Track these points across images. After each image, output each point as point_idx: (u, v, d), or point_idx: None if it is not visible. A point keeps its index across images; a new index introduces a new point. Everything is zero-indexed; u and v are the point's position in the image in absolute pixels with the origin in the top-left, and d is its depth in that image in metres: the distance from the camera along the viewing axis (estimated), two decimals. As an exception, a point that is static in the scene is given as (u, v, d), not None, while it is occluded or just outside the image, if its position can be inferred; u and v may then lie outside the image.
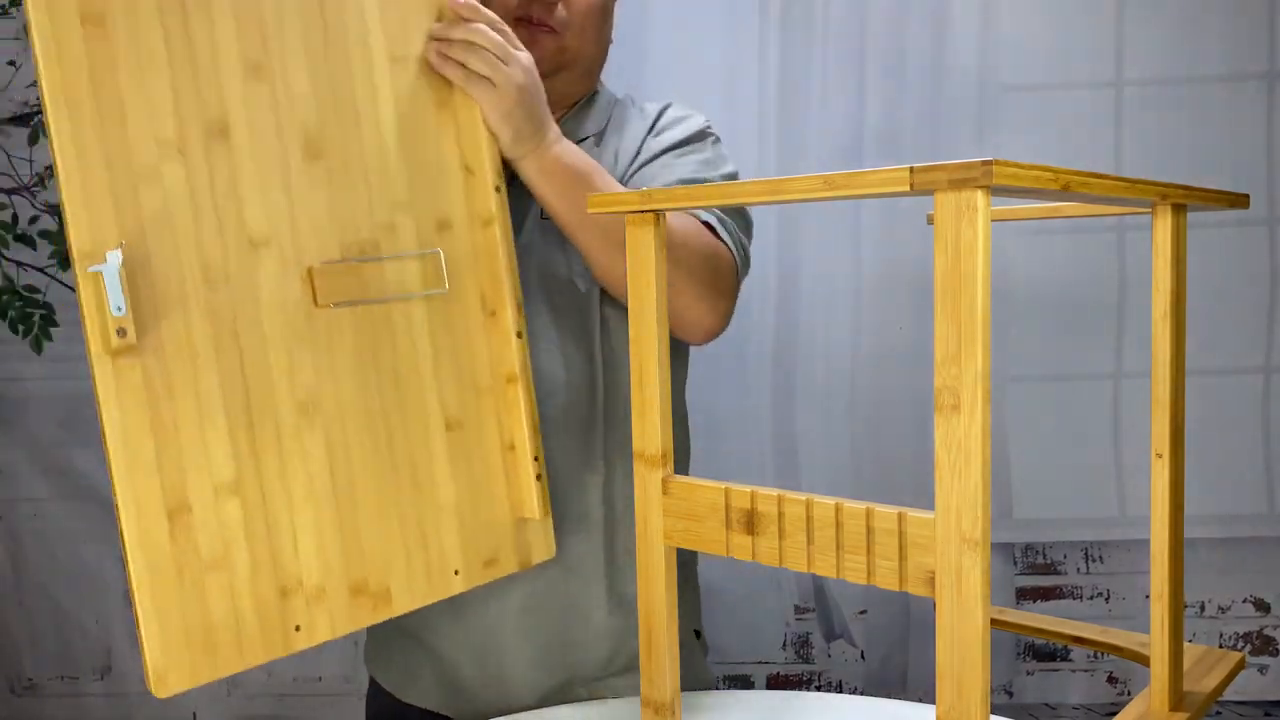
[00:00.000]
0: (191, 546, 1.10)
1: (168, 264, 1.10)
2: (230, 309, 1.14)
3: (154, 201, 1.09)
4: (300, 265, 1.19)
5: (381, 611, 1.25)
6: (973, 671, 0.86)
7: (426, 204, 1.30)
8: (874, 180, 0.83)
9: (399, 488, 1.27)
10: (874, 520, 0.94)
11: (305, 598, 1.19)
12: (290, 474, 1.18)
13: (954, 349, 0.82)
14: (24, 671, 3.01)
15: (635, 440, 1.16)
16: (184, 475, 1.10)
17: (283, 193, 1.18)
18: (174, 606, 1.09)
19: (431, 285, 1.29)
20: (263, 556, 1.16)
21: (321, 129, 1.22)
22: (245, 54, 1.17)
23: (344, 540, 1.22)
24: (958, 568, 0.86)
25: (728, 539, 1.08)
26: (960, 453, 0.83)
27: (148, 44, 1.10)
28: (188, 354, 1.11)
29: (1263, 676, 2.92)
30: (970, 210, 0.79)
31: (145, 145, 1.09)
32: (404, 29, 1.30)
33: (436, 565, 1.30)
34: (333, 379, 1.21)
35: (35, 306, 2.81)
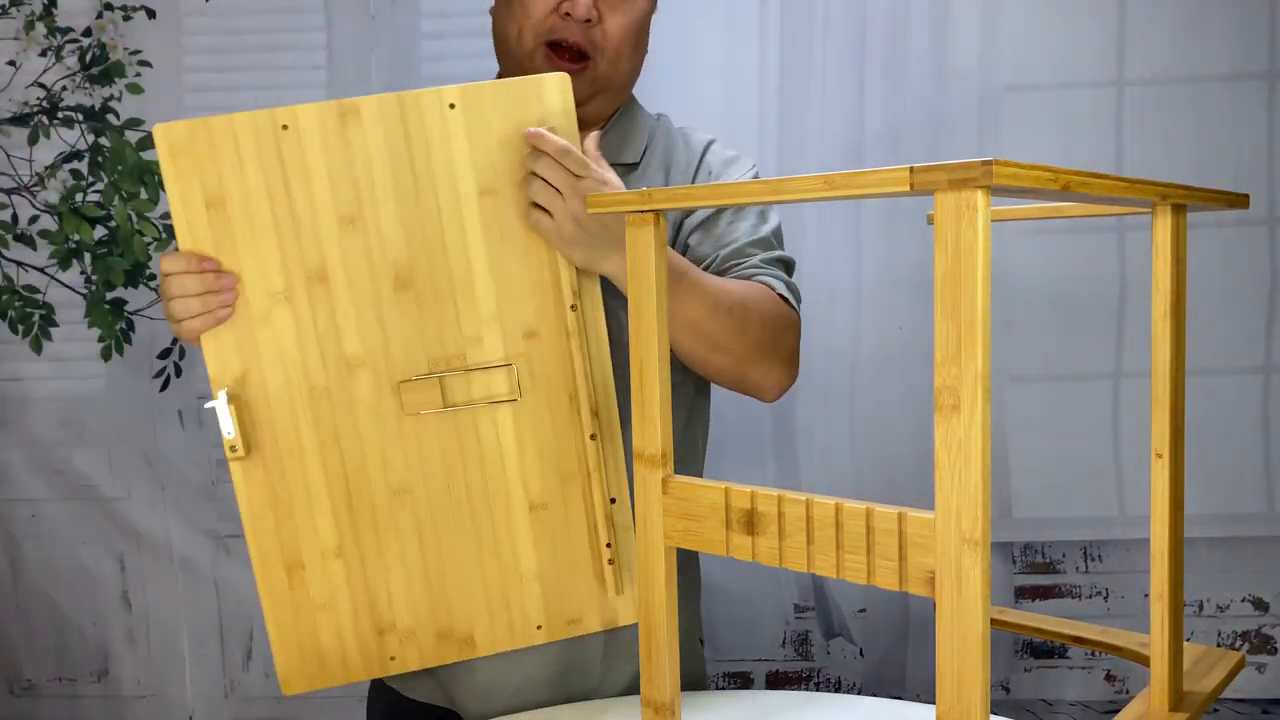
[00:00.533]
0: (305, 593, 1.49)
1: (280, 386, 1.45)
2: (331, 418, 1.46)
3: (268, 339, 1.43)
4: (391, 380, 1.46)
5: (467, 652, 1.52)
6: (972, 671, 0.86)
7: (514, 316, 1.46)
8: (874, 180, 0.83)
9: (481, 558, 1.51)
10: (874, 520, 0.94)
11: (399, 637, 1.51)
12: (385, 544, 1.49)
13: (954, 349, 0.82)
14: (22, 673, 3.00)
15: (635, 440, 1.16)
16: (297, 541, 1.48)
17: (375, 321, 1.44)
18: (292, 634, 1.49)
19: (510, 393, 1.47)
20: (362, 604, 1.50)
21: (411, 263, 1.44)
22: (340, 210, 1.42)
23: (431, 596, 1.51)
24: (958, 568, 0.86)
25: (728, 539, 1.09)
26: (960, 453, 0.84)
27: (259, 215, 1.40)
28: (298, 454, 1.46)
29: (1261, 675, 2.92)
30: (970, 210, 0.79)
31: (259, 296, 1.42)
32: (493, 163, 1.43)
33: (519, 621, 1.52)
34: (421, 470, 1.48)
35: (35, 306, 2.83)
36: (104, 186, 2.80)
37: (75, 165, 2.81)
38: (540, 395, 1.48)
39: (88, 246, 2.82)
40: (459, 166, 1.42)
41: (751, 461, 2.83)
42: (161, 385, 2.87)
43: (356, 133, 1.40)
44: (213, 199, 1.40)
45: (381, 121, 1.41)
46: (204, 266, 1.39)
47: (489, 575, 1.51)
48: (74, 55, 2.79)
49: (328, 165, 1.40)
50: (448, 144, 1.42)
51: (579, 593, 1.53)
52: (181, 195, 1.39)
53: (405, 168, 1.42)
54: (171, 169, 1.39)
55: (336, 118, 1.40)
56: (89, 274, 2.84)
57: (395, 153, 1.41)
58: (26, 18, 2.78)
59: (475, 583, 1.51)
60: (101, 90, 2.80)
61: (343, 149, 1.40)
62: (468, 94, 1.41)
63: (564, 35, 1.53)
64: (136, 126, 2.79)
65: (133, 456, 2.91)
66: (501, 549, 1.51)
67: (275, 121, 1.39)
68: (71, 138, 2.80)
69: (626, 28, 1.56)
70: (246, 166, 1.39)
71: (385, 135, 1.41)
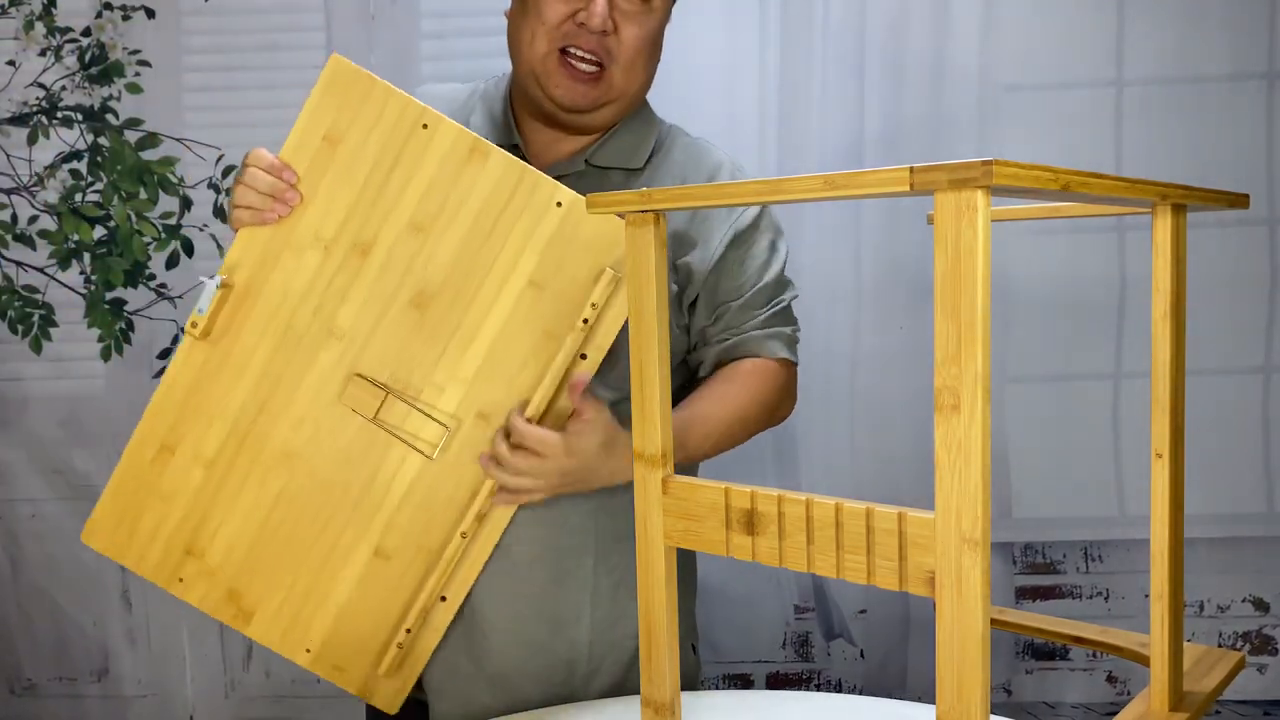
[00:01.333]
0: (157, 475, 1.56)
1: (268, 308, 1.52)
2: (285, 360, 1.53)
3: (287, 266, 1.51)
4: (351, 367, 1.52)
5: (239, 624, 1.58)
6: (973, 671, 0.86)
7: (481, 391, 1.52)
8: (874, 180, 0.83)
9: (308, 558, 1.56)
10: (874, 520, 0.94)
11: (198, 568, 1.57)
12: (246, 488, 1.55)
13: (954, 349, 0.82)
14: (22, 672, 3.00)
15: (635, 440, 1.16)
16: (184, 432, 1.55)
17: (376, 315, 1.51)
18: (123, 498, 1.58)
19: (428, 448, 1.52)
20: (191, 520, 1.56)
21: (437, 293, 1.50)
22: (416, 215, 1.50)
23: (247, 556, 1.56)
24: (958, 568, 0.86)
25: (728, 539, 1.09)
26: (960, 453, 0.84)
27: (354, 173, 1.49)
28: (239, 368, 1.53)
29: (1262, 676, 2.91)
30: (970, 210, 0.79)
31: (307, 231, 1.51)
32: (556, 267, 1.49)
33: (297, 633, 1.58)
34: (317, 453, 1.54)
35: (35, 306, 2.84)
36: (103, 186, 2.80)
37: (75, 165, 2.80)
38: (451, 469, 1.53)
39: (87, 246, 2.82)
40: (529, 250, 1.49)
41: (751, 462, 2.83)
42: None
43: (472, 169, 1.49)
44: (332, 136, 1.49)
45: (499, 175, 1.48)
46: (283, 174, 1.49)
47: (303, 577, 1.56)
48: (73, 55, 2.79)
49: (433, 178, 1.49)
50: (534, 228, 1.49)
51: (359, 649, 1.58)
52: (313, 116, 1.50)
53: (489, 220, 1.49)
54: (321, 93, 1.50)
55: (467, 149, 1.49)
56: (89, 274, 2.84)
57: (490, 204, 1.49)
58: (26, 18, 2.78)
59: (288, 574, 1.56)
60: (101, 90, 2.79)
61: (453, 172, 1.49)
62: (576, 204, 1.48)
63: (578, 43, 1.54)
64: (136, 126, 2.79)
65: None
66: (329, 564, 1.56)
67: (421, 117, 1.49)
68: (71, 138, 2.80)
69: (641, 39, 1.58)
70: (375, 132, 1.49)
71: (494, 186, 1.49)
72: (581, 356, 1.49)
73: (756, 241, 1.65)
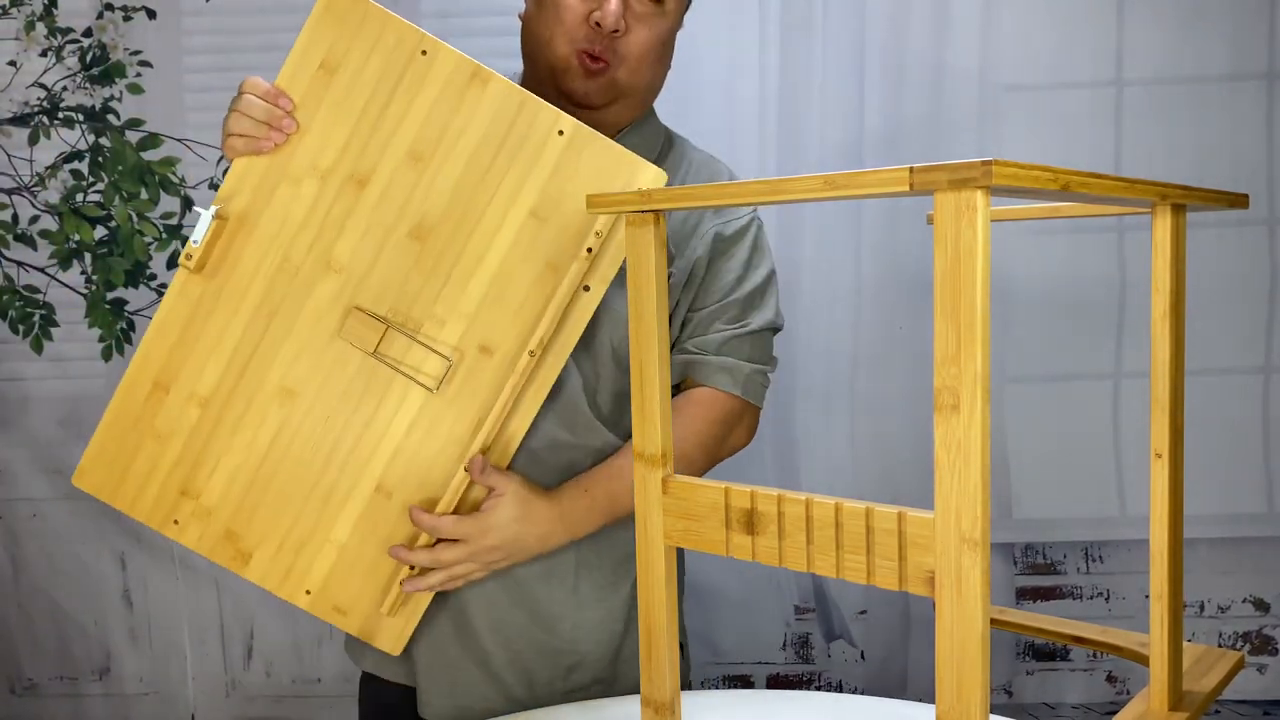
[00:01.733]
0: (152, 414, 1.53)
1: (263, 239, 1.49)
2: (282, 293, 1.50)
3: (284, 196, 1.48)
4: (350, 301, 1.50)
5: (236, 565, 1.55)
6: (972, 671, 0.86)
7: (484, 324, 1.50)
8: (874, 180, 0.83)
9: (308, 497, 1.53)
10: (873, 520, 0.94)
11: (194, 509, 1.54)
12: (243, 426, 1.52)
13: (953, 349, 0.82)
14: (23, 671, 3.00)
15: (635, 440, 1.16)
16: (180, 368, 1.52)
17: (374, 247, 1.49)
18: (116, 438, 1.54)
19: (430, 381, 1.50)
20: (188, 459, 1.53)
21: (438, 224, 1.48)
22: (415, 144, 1.47)
23: (245, 496, 1.53)
24: (957, 568, 0.86)
25: (728, 539, 1.09)
26: (960, 453, 0.83)
27: (352, 101, 1.46)
28: (234, 301, 1.50)
29: (1262, 676, 2.92)
30: (970, 210, 0.79)
31: (303, 160, 1.48)
32: (558, 199, 1.48)
33: (296, 574, 1.55)
34: (316, 389, 1.52)
35: (35, 306, 2.84)
36: (104, 187, 2.80)
37: (76, 165, 2.80)
38: (453, 403, 1.51)
39: (88, 246, 2.82)
40: (530, 180, 1.47)
41: (751, 462, 2.82)
42: None
43: (473, 96, 1.46)
44: (329, 63, 1.46)
45: (499, 102, 1.47)
46: (278, 101, 1.46)
47: (303, 517, 1.54)
48: (74, 55, 2.79)
49: (432, 104, 1.47)
50: (536, 157, 1.47)
51: (360, 590, 1.55)
52: (308, 44, 1.46)
53: (490, 150, 1.47)
54: (317, 20, 1.46)
55: (467, 76, 1.46)
56: (89, 274, 2.84)
57: (491, 133, 1.47)
58: (27, 18, 2.78)
59: (287, 513, 1.54)
60: (102, 90, 2.79)
61: (454, 100, 1.46)
62: (579, 132, 1.47)
63: (592, 46, 1.56)
64: (137, 127, 2.79)
65: None
66: (329, 502, 1.53)
67: (420, 44, 1.46)
68: (72, 138, 2.80)
69: (650, 41, 1.59)
70: (373, 59, 1.46)
71: (494, 115, 1.47)
72: (585, 289, 1.47)
73: (736, 252, 1.66)
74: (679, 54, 1.70)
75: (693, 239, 1.64)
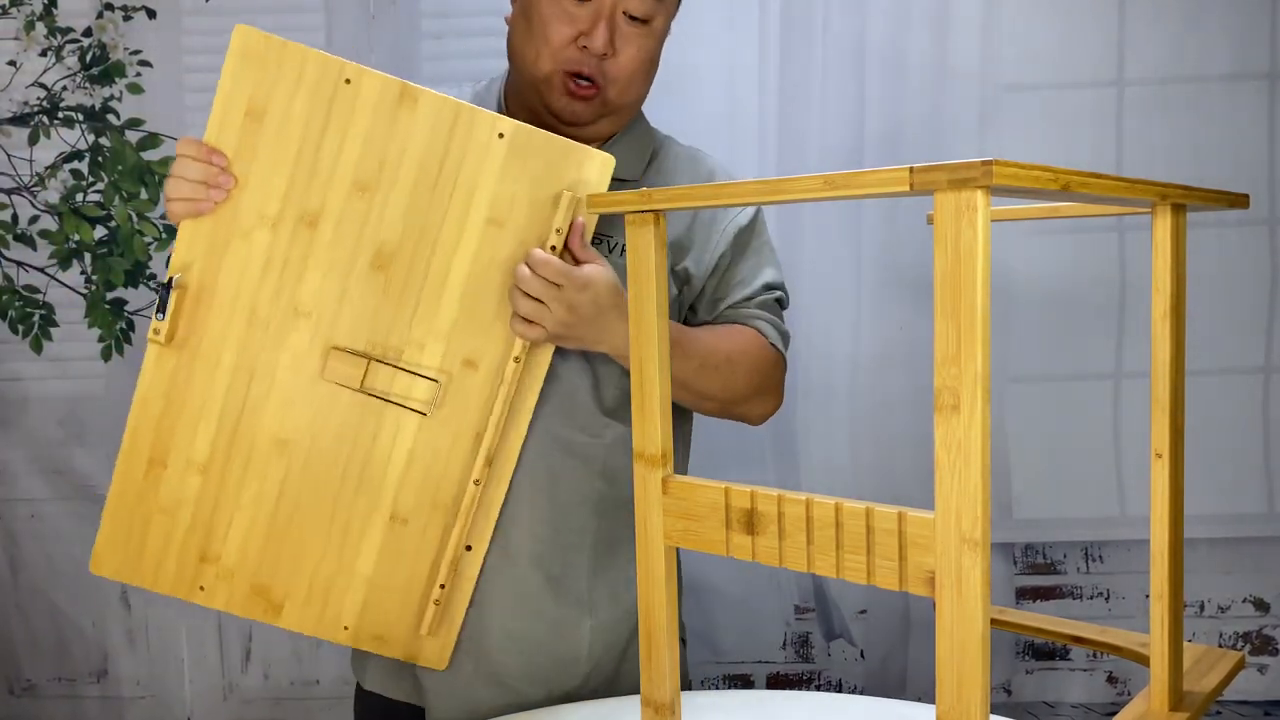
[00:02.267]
0: (154, 490, 1.52)
1: (227, 299, 1.48)
2: (257, 349, 1.49)
3: (238, 253, 1.47)
4: (326, 342, 1.49)
5: (270, 617, 1.55)
6: (972, 671, 0.86)
7: (463, 340, 1.49)
8: (874, 180, 0.83)
9: (326, 538, 1.54)
10: (874, 520, 0.94)
11: (217, 571, 1.54)
12: (247, 482, 1.52)
13: (954, 349, 0.82)
14: (21, 673, 3.00)
15: (635, 440, 1.16)
16: (171, 440, 1.51)
17: (339, 285, 1.47)
18: (124, 519, 1.54)
19: (422, 406, 1.50)
20: (200, 525, 1.53)
21: (396, 250, 1.47)
22: (358, 174, 1.45)
23: (264, 549, 1.53)
24: (957, 568, 0.86)
25: (728, 539, 1.09)
26: (960, 453, 0.84)
27: (285, 143, 1.44)
28: (211, 364, 1.49)
29: (1262, 676, 2.91)
30: (970, 210, 0.79)
31: (250, 213, 1.46)
32: (512, 200, 1.46)
33: (331, 613, 1.55)
34: (311, 434, 1.51)
35: (35, 306, 2.84)
36: (104, 186, 2.80)
37: (75, 165, 2.80)
38: (448, 422, 1.51)
39: (88, 246, 2.82)
40: (481, 188, 1.46)
41: (751, 462, 2.83)
42: None
43: (406, 116, 1.44)
44: (254, 110, 1.44)
45: (433, 118, 1.45)
46: (211, 158, 1.44)
47: (325, 558, 1.54)
48: (74, 55, 2.79)
49: (367, 131, 1.44)
50: (481, 165, 1.45)
51: (396, 615, 1.55)
52: (229, 95, 1.45)
53: (433, 166, 1.45)
54: (232, 68, 1.45)
55: (396, 96, 1.44)
56: (89, 274, 2.84)
57: (431, 149, 1.45)
58: (27, 18, 2.78)
59: (309, 558, 1.54)
60: (102, 90, 2.79)
61: (387, 124, 1.44)
62: (519, 132, 1.45)
63: (579, 67, 1.56)
64: (137, 126, 2.79)
65: None
66: (347, 540, 1.53)
67: (342, 72, 1.44)
68: (72, 138, 2.80)
69: (639, 60, 1.59)
70: (298, 97, 1.44)
71: (431, 130, 1.45)
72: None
73: (754, 241, 1.69)
74: (679, 54, 1.70)
75: (714, 234, 1.66)
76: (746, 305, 1.67)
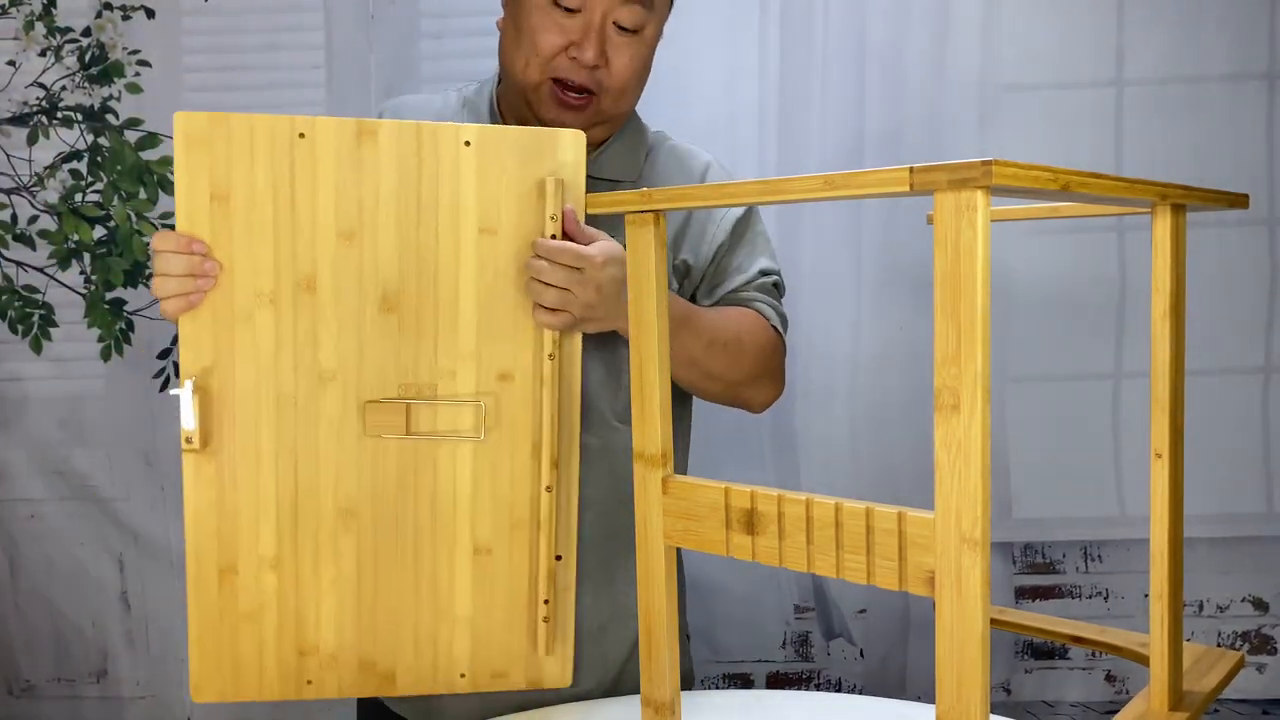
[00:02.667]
0: (233, 599, 1.45)
1: (249, 387, 1.43)
2: (293, 428, 1.44)
3: (245, 338, 1.42)
4: (359, 398, 1.45)
5: (385, 688, 1.50)
6: (972, 671, 0.87)
7: (491, 355, 1.47)
8: (874, 180, 0.83)
9: (417, 593, 1.49)
10: (873, 520, 0.94)
11: (320, 661, 1.48)
12: (323, 564, 1.47)
13: (954, 349, 0.82)
14: (21, 673, 2.99)
15: (635, 440, 1.16)
16: (236, 545, 1.45)
17: (354, 338, 1.44)
18: (212, 639, 1.46)
19: (474, 432, 1.47)
20: (289, 622, 1.47)
21: (400, 287, 1.44)
22: (339, 224, 1.42)
23: (359, 624, 1.48)
24: (957, 568, 0.87)
25: (728, 539, 1.09)
26: (960, 453, 0.84)
27: (259, 216, 1.40)
28: (253, 458, 1.44)
29: (1261, 675, 2.92)
30: (970, 210, 0.79)
31: (245, 295, 1.41)
32: (497, 204, 1.44)
33: (444, 664, 1.51)
34: (373, 494, 1.47)
35: (34, 306, 2.84)
36: (103, 186, 2.80)
37: (75, 165, 2.80)
38: (504, 438, 1.48)
39: (87, 246, 2.81)
40: (464, 202, 1.44)
41: (751, 461, 2.83)
42: (161, 385, 2.86)
43: (370, 152, 1.41)
44: (219, 192, 1.40)
45: (396, 146, 1.42)
46: (191, 249, 1.39)
47: (421, 612, 1.50)
48: (73, 55, 2.78)
49: (336, 179, 1.41)
50: (456, 179, 1.43)
51: (509, 646, 1.51)
52: (189, 183, 1.40)
53: (411, 194, 1.43)
54: (185, 156, 1.39)
55: (354, 135, 1.41)
56: (88, 274, 2.83)
57: (404, 178, 1.42)
58: (26, 18, 2.77)
59: (406, 618, 1.50)
60: (101, 90, 2.79)
61: (354, 166, 1.41)
62: (484, 135, 1.43)
63: (569, 76, 1.55)
64: (136, 126, 2.78)
65: (132, 456, 2.90)
66: (439, 588, 1.49)
67: (293, 128, 1.40)
68: (71, 138, 2.79)
69: (631, 68, 1.58)
70: (257, 166, 1.40)
71: (398, 160, 1.42)
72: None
73: (749, 232, 1.70)
74: (680, 54, 1.70)
75: (710, 226, 1.67)
76: (745, 289, 1.67)
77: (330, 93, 2.81)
